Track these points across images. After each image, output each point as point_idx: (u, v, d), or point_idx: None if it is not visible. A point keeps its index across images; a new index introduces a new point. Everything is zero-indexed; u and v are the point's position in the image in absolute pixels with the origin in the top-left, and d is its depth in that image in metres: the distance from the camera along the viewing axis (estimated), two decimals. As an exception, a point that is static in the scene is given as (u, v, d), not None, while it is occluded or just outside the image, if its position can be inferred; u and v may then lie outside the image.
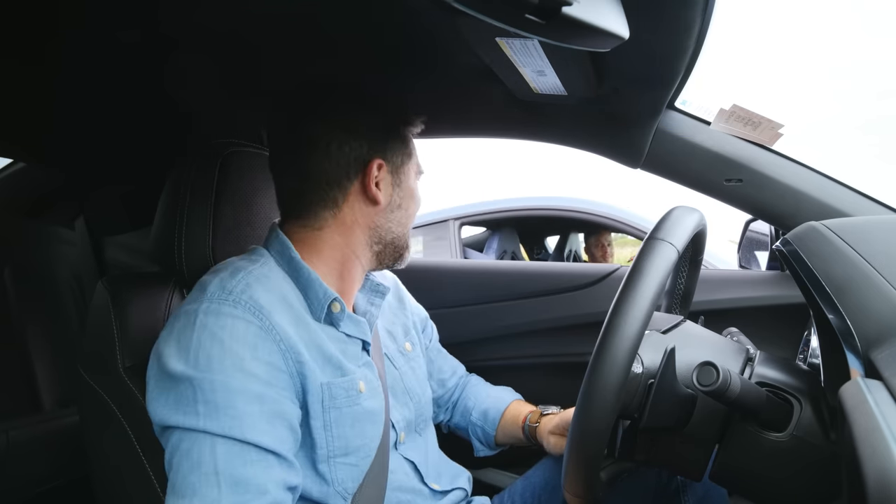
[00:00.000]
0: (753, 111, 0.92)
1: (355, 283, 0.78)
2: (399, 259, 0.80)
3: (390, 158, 0.75)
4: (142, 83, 0.90)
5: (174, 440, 0.59)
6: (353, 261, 0.76)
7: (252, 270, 0.68)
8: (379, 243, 0.77)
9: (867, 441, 0.39)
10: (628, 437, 0.70)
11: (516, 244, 3.11)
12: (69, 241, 1.38)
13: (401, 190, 0.76)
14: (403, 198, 0.77)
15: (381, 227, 0.76)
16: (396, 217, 0.77)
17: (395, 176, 0.76)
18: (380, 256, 0.78)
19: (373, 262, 0.79)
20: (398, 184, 0.76)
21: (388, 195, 0.75)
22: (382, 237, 0.76)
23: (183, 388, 0.59)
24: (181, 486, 0.57)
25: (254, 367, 0.61)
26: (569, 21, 0.42)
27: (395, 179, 0.76)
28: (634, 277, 0.57)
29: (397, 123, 0.76)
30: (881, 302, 0.54)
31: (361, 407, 0.71)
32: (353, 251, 0.75)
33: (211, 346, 0.60)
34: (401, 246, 0.79)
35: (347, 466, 0.70)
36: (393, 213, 0.76)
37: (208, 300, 0.63)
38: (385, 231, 0.76)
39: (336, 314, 0.73)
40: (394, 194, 0.76)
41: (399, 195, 0.76)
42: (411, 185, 0.79)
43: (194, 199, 0.79)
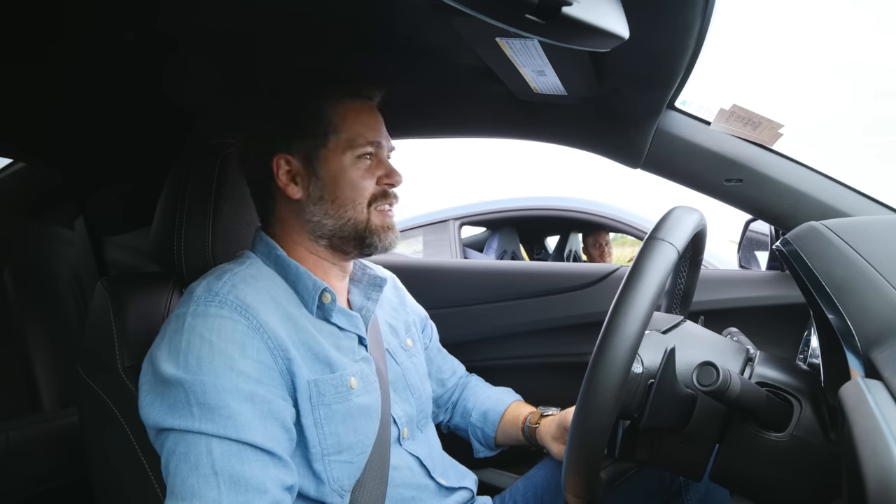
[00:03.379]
0: (753, 111, 0.92)
1: (333, 278, 0.77)
2: (365, 247, 0.74)
3: (295, 149, 0.71)
4: (142, 83, 0.90)
5: (170, 443, 0.59)
6: (313, 257, 0.75)
7: (238, 272, 0.69)
8: (322, 237, 0.74)
9: (867, 441, 0.39)
10: (628, 437, 0.70)
11: (516, 244, 3.11)
12: (69, 241, 1.38)
13: (319, 179, 0.71)
14: (325, 187, 0.71)
15: (312, 221, 0.73)
16: (323, 209, 0.72)
17: (309, 165, 0.71)
18: (337, 248, 0.75)
19: (336, 255, 0.76)
20: (314, 173, 0.71)
21: (305, 188, 0.72)
22: (320, 232, 0.73)
23: (176, 392, 0.59)
24: (180, 489, 0.57)
25: (244, 366, 0.61)
26: (569, 21, 0.42)
27: (310, 169, 0.71)
28: (634, 277, 0.57)
29: (293, 107, 0.71)
30: (881, 302, 0.54)
31: (353, 403, 0.70)
32: (307, 248, 0.75)
33: (200, 347, 0.61)
34: (349, 235, 0.73)
35: (342, 464, 0.69)
36: (318, 206, 0.72)
37: (195, 303, 0.64)
38: (318, 225, 0.73)
39: (327, 305, 0.73)
40: (311, 186, 0.71)
41: (318, 186, 0.71)
42: (334, 171, 0.71)
43: (194, 199, 0.79)
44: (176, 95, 0.94)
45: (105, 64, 0.83)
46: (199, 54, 0.83)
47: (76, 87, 0.90)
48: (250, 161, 0.75)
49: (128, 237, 1.19)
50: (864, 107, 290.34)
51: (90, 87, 0.90)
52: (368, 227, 0.73)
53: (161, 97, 0.95)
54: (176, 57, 0.82)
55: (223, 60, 0.85)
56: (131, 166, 1.12)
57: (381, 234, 0.74)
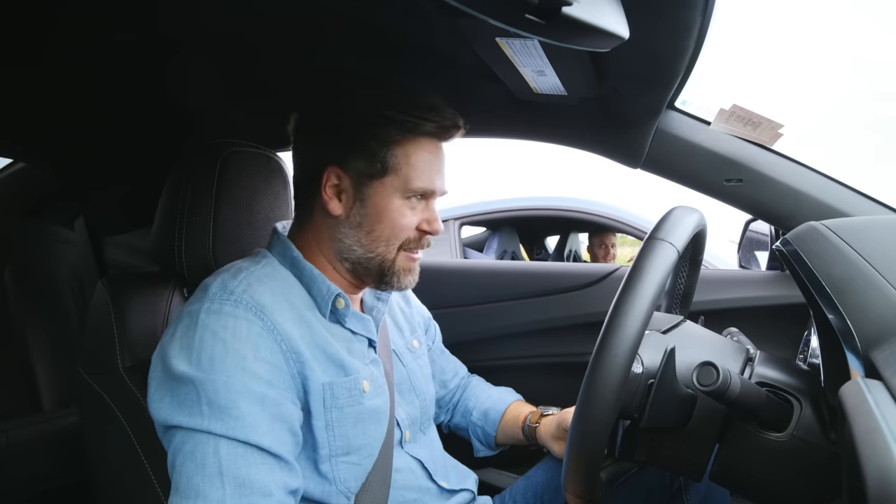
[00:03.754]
0: (753, 111, 0.92)
1: (347, 287, 0.76)
2: (383, 283, 0.73)
3: (351, 167, 0.69)
4: (143, 83, 0.90)
5: (177, 441, 0.59)
6: (333, 272, 0.74)
7: (254, 271, 0.68)
8: (347, 260, 0.72)
9: (867, 441, 0.39)
10: (628, 437, 0.70)
11: (516, 244, 3.11)
12: (69, 241, 1.37)
13: (363, 207, 0.70)
14: (366, 216, 0.70)
15: (343, 242, 0.71)
16: (356, 236, 0.71)
17: (359, 190, 0.69)
18: (357, 274, 0.74)
19: (354, 279, 0.75)
20: (361, 199, 0.70)
21: (348, 209, 0.70)
22: (346, 255, 0.72)
23: (187, 389, 0.59)
24: (185, 487, 0.57)
25: (256, 367, 0.61)
26: (569, 21, 0.42)
27: (358, 194, 0.70)
28: (634, 277, 0.57)
29: (362, 135, 0.69)
30: (881, 302, 0.54)
31: (364, 406, 0.71)
32: (330, 262, 0.74)
33: (213, 345, 0.60)
34: (373, 269, 0.72)
35: (350, 465, 0.70)
36: (353, 231, 0.71)
37: (210, 300, 0.64)
38: (347, 249, 0.71)
39: (341, 310, 0.72)
40: (354, 209, 0.70)
41: (360, 212, 0.70)
42: (381, 206, 0.69)
43: (194, 199, 0.79)
44: (178, 96, 0.94)
45: (106, 65, 0.83)
46: (202, 54, 0.83)
47: (77, 87, 0.90)
48: (303, 161, 0.74)
49: (128, 237, 1.19)
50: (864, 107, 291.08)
51: (91, 88, 0.90)
52: (393, 267, 0.72)
53: (162, 97, 0.95)
54: (178, 58, 0.82)
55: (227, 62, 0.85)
56: (132, 166, 1.12)
57: (402, 276, 0.73)
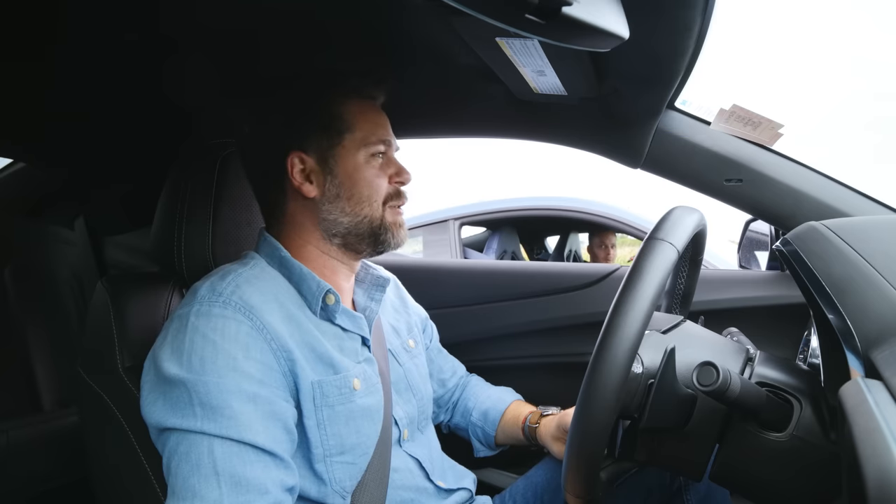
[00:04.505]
0: (753, 111, 0.92)
1: (341, 278, 0.77)
2: (378, 244, 0.75)
3: (310, 147, 0.71)
4: (142, 83, 0.90)
5: (172, 443, 0.59)
6: (323, 257, 0.75)
7: (242, 273, 0.69)
8: (336, 236, 0.74)
9: (867, 441, 0.39)
10: (628, 437, 0.70)
11: (516, 244, 3.11)
12: (69, 241, 1.37)
13: (335, 178, 0.71)
14: (341, 185, 0.72)
15: (328, 220, 0.73)
16: (339, 207, 0.72)
17: (324, 163, 0.71)
18: (350, 247, 0.75)
19: (348, 254, 0.76)
20: (330, 171, 0.71)
21: (321, 186, 0.71)
22: (335, 230, 0.73)
23: (179, 391, 0.59)
24: (181, 489, 0.57)
25: (247, 367, 0.61)
26: (569, 21, 0.42)
27: (325, 167, 0.71)
28: (634, 277, 0.57)
29: (308, 106, 0.70)
30: (881, 302, 0.54)
31: (356, 404, 0.71)
32: (317, 247, 0.74)
33: (203, 347, 0.61)
34: (365, 232, 0.74)
35: (344, 465, 0.69)
36: (333, 204, 0.72)
37: (199, 303, 0.64)
38: (333, 224, 0.73)
39: (331, 307, 0.73)
40: (327, 184, 0.71)
41: (334, 183, 0.71)
42: (350, 168, 0.72)
43: (194, 199, 0.79)
44: (175, 95, 0.94)
45: (105, 64, 0.83)
46: (202, 54, 0.83)
47: (77, 86, 0.90)
48: (259, 159, 0.75)
49: (128, 237, 1.19)
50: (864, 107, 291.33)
51: (91, 87, 0.90)
52: (383, 224, 0.74)
53: (161, 97, 0.95)
54: (176, 57, 0.82)
55: (226, 59, 0.85)
56: (132, 166, 1.12)
57: (394, 231, 0.75)
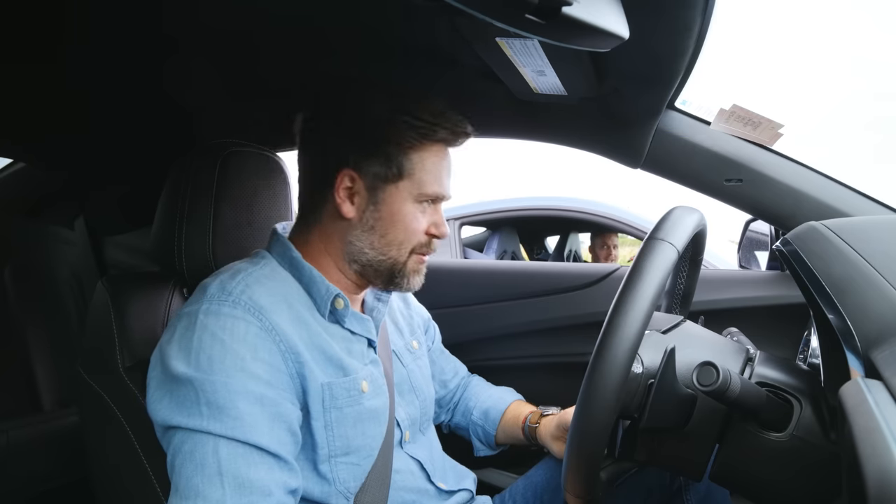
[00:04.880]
0: (753, 111, 0.92)
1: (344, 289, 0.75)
2: (392, 284, 0.74)
3: (366, 171, 0.69)
4: (142, 83, 0.90)
5: (177, 441, 0.59)
6: (338, 273, 0.74)
7: (252, 272, 0.68)
8: (356, 262, 0.72)
9: (867, 441, 0.39)
10: (628, 437, 0.70)
11: (516, 244, 3.11)
12: (69, 241, 1.37)
13: (377, 211, 0.70)
14: (379, 220, 0.70)
15: (354, 245, 0.71)
16: (369, 239, 0.71)
17: (373, 193, 0.70)
18: (364, 276, 0.74)
19: (361, 281, 0.75)
20: (374, 202, 0.70)
21: (361, 211, 0.70)
22: (357, 257, 0.72)
23: (186, 390, 0.59)
24: (185, 488, 0.57)
25: (254, 368, 0.61)
26: (569, 21, 0.42)
27: (372, 197, 0.70)
28: (634, 277, 0.57)
29: (380, 139, 0.69)
30: (881, 302, 0.54)
31: (364, 406, 0.71)
32: (336, 263, 0.74)
33: (212, 346, 0.60)
34: (383, 271, 0.73)
35: (349, 466, 0.70)
36: (365, 234, 0.71)
37: (208, 301, 0.64)
38: (358, 252, 0.72)
39: (340, 311, 0.72)
40: (367, 212, 0.70)
41: (373, 215, 0.70)
42: (395, 210, 0.70)
43: (194, 199, 0.79)
44: (178, 95, 0.94)
45: (106, 64, 0.83)
46: (205, 55, 0.83)
47: (77, 87, 0.90)
48: (318, 160, 0.73)
49: (128, 237, 1.19)
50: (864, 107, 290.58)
51: (91, 88, 0.90)
52: (404, 269, 0.73)
53: (161, 97, 0.95)
54: (178, 57, 0.82)
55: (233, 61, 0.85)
56: (132, 166, 1.12)
57: (411, 278, 0.74)
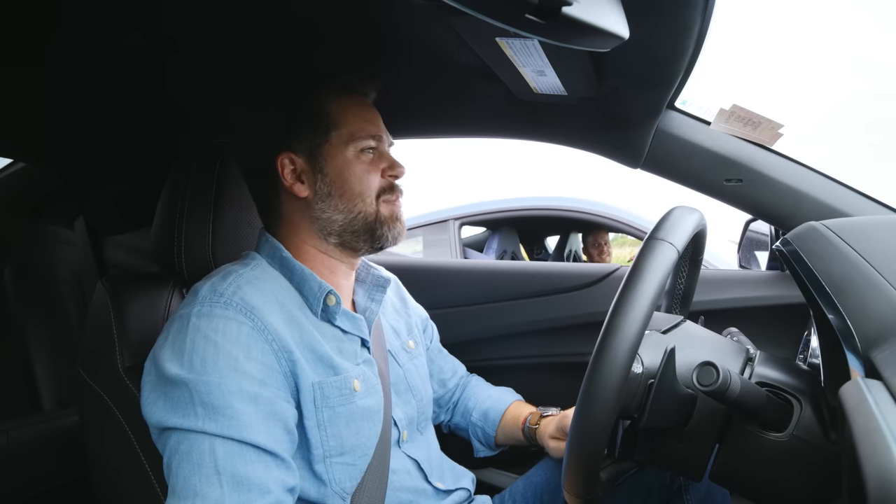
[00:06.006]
0: (753, 111, 0.92)
1: (340, 276, 0.77)
2: (376, 239, 0.74)
3: (298, 147, 0.71)
4: (142, 83, 0.90)
5: (173, 442, 0.59)
6: (321, 256, 0.75)
7: (243, 273, 0.69)
8: (331, 234, 0.73)
9: (867, 441, 0.39)
10: (628, 437, 0.70)
11: (516, 244, 3.11)
12: (69, 241, 1.37)
13: (325, 175, 0.71)
14: (332, 182, 0.71)
15: (322, 219, 0.72)
16: (332, 205, 0.72)
17: (314, 162, 0.71)
18: (347, 245, 0.74)
19: (346, 252, 0.76)
20: (320, 170, 0.71)
21: (312, 185, 0.71)
22: (329, 228, 0.73)
23: (180, 391, 0.59)
24: (182, 488, 0.57)
25: (248, 367, 0.61)
26: (569, 21, 0.42)
27: (315, 166, 0.71)
28: (634, 277, 0.57)
29: (297, 105, 0.71)
30: (881, 302, 0.54)
31: (356, 405, 0.71)
32: (316, 247, 0.74)
33: (205, 347, 0.61)
34: (360, 229, 0.73)
35: (344, 466, 0.70)
36: (326, 203, 0.72)
37: (200, 303, 0.64)
38: (327, 222, 0.72)
39: (332, 308, 0.73)
40: (318, 183, 0.71)
41: (325, 182, 0.71)
42: (340, 165, 0.72)
43: (194, 199, 0.79)
44: (176, 95, 0.94)
45: (106, 64, 0.83)
46: (199, 54, 0.83)
47: (76, 86, 0.90)
48: (251, 161, 0.75)
49: (128, 237, 1.19)
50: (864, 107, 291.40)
51: (91, 88, 0.90)
52: (378, 218, 0.74)
53: (161, 97, 0.95)
54: (176, 57, 0.82)
55: (221, 60, 0.85)
56: (132, 166, 1.12)
57: (391, 225, 0.75)
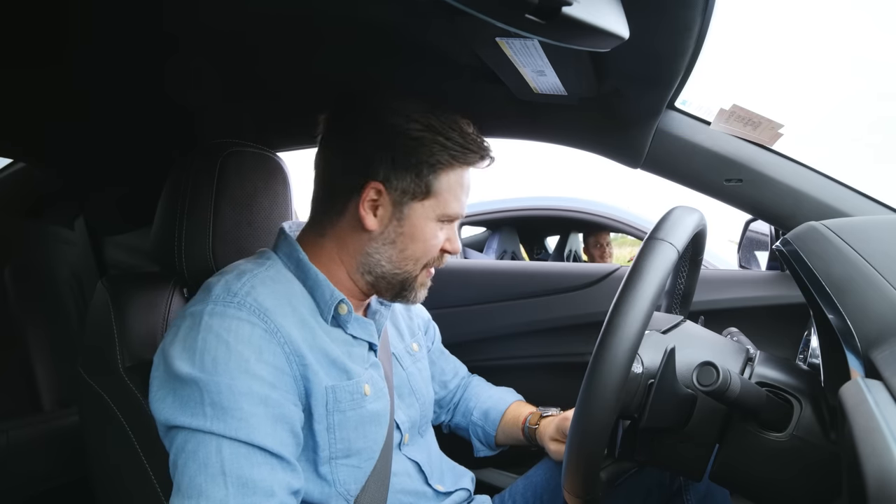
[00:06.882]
0: (753, 111, 0.92)
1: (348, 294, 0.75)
2: (400, 297, 0.75)
3: (395, 187, 0.69)
4: (142, 83, 0.90)
5: (179, 441, 0.59)
6: (348, 281, 0.74)
7: (257, 273, 0.68)
8: (369, 274, 0.72)
9: (867, 441, 0.39)
10: (628, 437, 0.70)
11: (516, 244, 3.11)
12: (69, 241, 1.38)
13: (400, 226, 0.70)
14: (401, 235, 0.71)
15: (371, 256, 0.71)
16: (388, 252, 0.71)
17: (398, 208, 0.70)
18: (375, 287, 0.74)
19: (370, 290, 0.75)
20: (398, 217, 0.70)
21: (383, 225, 0.70)
22: (372, 269, 0.72)
23: (190, 390, 0.59)
24: (187, 487, 0.57)
25: (259, 370, 0.61)
26: (569, 21, 0.42)
27: (397, 212, 0.70)
28: (634, 277, 0.57)
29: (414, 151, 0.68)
30: (881, 302, 0.54)
31: (366, 410, 0.71)
32: (348, 272, 0.73)
33: (216, 347, 0.60)
34: (396, 284, 0.73)
35: (350, 468, 0.70)
36: (385, 247, 0.71)
37: (213, 302, 0.64)
38: (374, 264, 0.72)
39: (343, 316, 0.72)
40: (389, 226, 0.70)
41: (396, 230, 0.70)
42: (418, 227, 0.71)
43: (194, 199, 0.79)
44: (178, 96, 0.94)
45: (106, 64, 0.83)
46: (203, 55, 0.83)
47: (77, 87, 0.90)
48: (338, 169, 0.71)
49: (128, 237, 1.19)
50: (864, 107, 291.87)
51: (92, 88, 0.90)
52: (415, 283, 0.74)
53: (162, 97, 0.95)
54: (179, 57, 0.82)
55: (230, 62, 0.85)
56: (132, 166, 1.12)
57: (419, 291, 0.76)
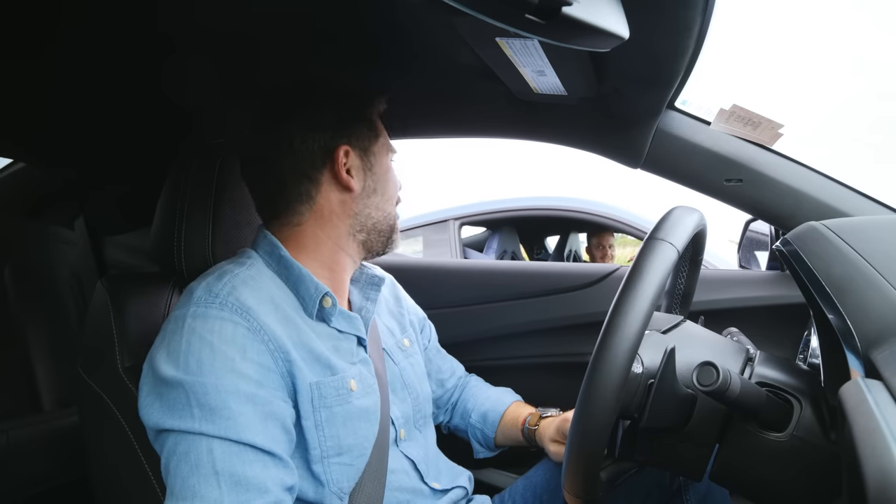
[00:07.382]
0: (753, 111, 0.92)
1: (346, 277, 0.79)
2: (388, 243, 0.80)
3: (356, 143, 0.74)
4: (142, 83, 0.90)
5: (170, 444, 0.59)
6: (338, 253, 0.76)
7: (238, 273, 0.69)
8: (361, 231, 0.76)
9: (867, 441, 0.39)
10: (628, 437, 0.70)
11: (516, 244, 3.11)
12: (69, 241, 1.37)
13: (373, 174, 0.76)
14: (378, 181, 0.77)
15: (360, 213, 0.76)
16: (374, 202, 0.76)
17: (365, 160, 0.75)
18: (367, 244, 0.78)
19: (361, 252, 0.78)
20: (369, 167, 0.76)
21: (361, 180, 0.75)
22: (364, 224, 0.76)
23: (176, 393, 0.59)
24: (181, 489, 0.57)
25: (244, 368, 0.61)
26: (569, 21, 0.42)
27: (366, 163, 0.75)
28: (634, 277, 0.57)
29: (359, 108, 0.76)
30: (881, 302, 0.54)
31: (353, 405, 0.71)
32: (337, 243, 0.75)
33: (201, 349, 0.61)
34: (385, 230, 0.78)
35: (342, 466, 0.69)
36: (370, 199, 0.76)
37: (195, 304, 0.64)
38: (365, 217, 0.76)
39: (328, 309, 0.73)
40: (367, 179, 0.75)
41: (372, 179, 0.76)
42: (384, 166, 0.78)
43: (194, 199, 0.79)
44: (176, 95, 0.94)
45: (105, 64, 0.83)
46: (203, 54, 0.83)
47: (77, 86, 0.90)
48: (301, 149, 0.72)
49: (128, 237, 1.19)
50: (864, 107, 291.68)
51: (91, 87, 0.90)
52: (396, 224, 0.80)
53: (161, 97, 0.95)
54: (176, 57, 0.82)
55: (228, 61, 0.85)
56: (132, 166, 1.12)
57: (398, 234, 0.81)
